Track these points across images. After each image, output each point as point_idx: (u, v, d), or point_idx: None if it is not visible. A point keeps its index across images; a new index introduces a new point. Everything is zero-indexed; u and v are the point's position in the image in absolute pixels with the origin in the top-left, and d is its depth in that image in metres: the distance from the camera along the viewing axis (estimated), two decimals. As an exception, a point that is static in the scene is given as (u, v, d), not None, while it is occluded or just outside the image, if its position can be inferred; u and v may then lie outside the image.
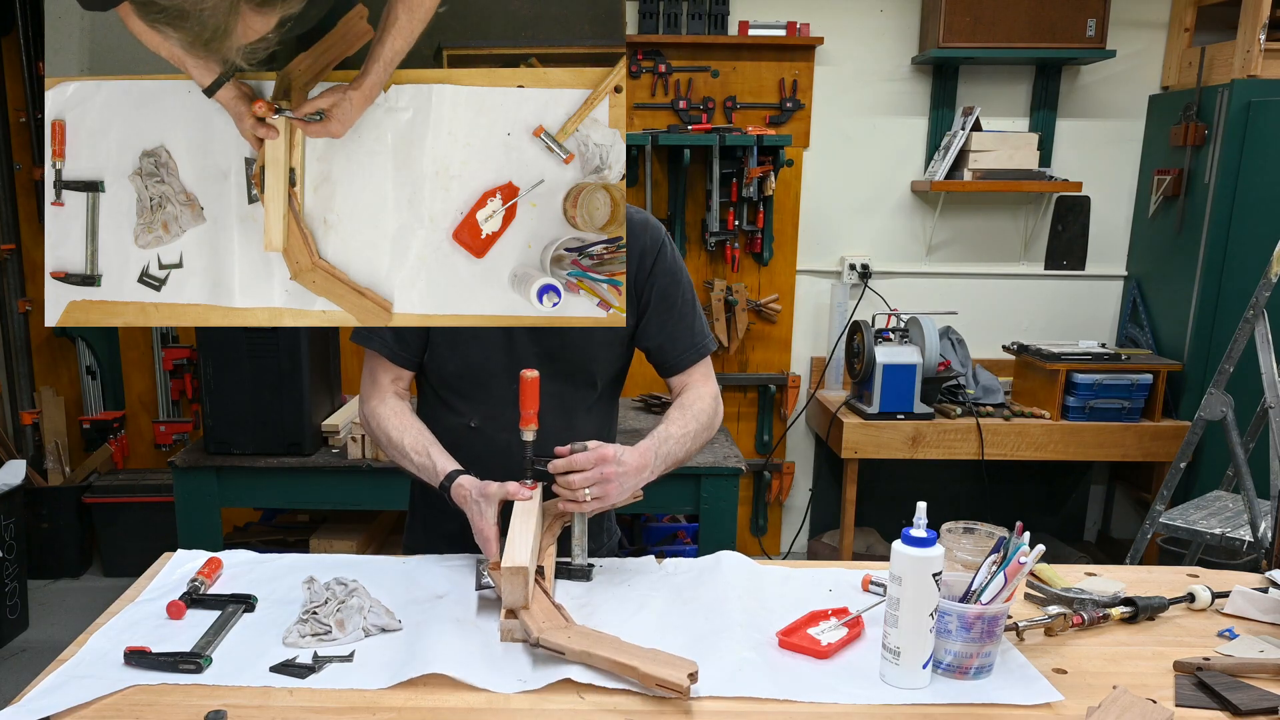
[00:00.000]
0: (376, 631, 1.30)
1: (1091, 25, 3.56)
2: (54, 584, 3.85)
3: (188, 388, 3.98)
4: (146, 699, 1.12)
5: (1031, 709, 1.13)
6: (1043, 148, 3.78)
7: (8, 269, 3.88)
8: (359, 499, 2.93)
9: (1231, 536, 2.74)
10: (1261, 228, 3.34)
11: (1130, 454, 3.60)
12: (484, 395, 1.58)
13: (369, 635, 1.29)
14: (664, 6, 3.72)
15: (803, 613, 1.34)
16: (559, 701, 1.13)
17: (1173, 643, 1.32)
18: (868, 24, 3.81)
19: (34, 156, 3.87)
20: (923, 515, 1.16)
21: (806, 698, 1.14)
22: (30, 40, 3.77)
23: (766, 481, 4.08)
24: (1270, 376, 2.68)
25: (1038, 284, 4.03)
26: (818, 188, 3.93)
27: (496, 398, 1.56)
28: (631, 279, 1.55)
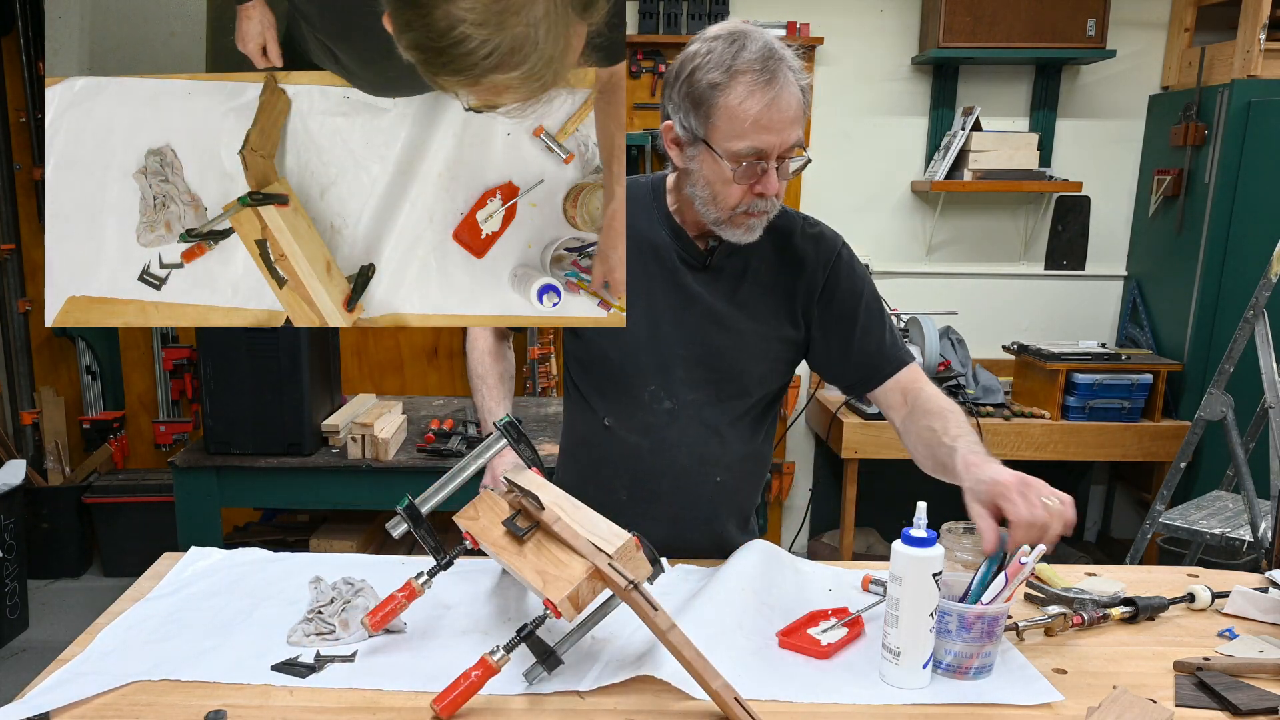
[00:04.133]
0: (381, 632, 1.30)
1: (1091, 25, 3.56)
2: (54, 584, 3.85)
3: (188, 388, 3.98)
4: (147, 698, 1.12)
5: (1031, 709, 1.13)
6: (1043, 148, 3.78)
7: (8, 269, 3.88)
8: (359, 499, 2.93)
9: (1231, 536, 2.74)
10: (1261, 228, 3.34)
11: (1130, 454, 3.60)
12: (620, 394, 1.52)
13: (373, 636, 1.29)
14: (664, 6, 3.72)
15: (803, 613, 1.34)
16: (559, 702, 1.13)
17: (1173, 643, 1.32)
18: (868, 24, 3.81)
19: (34, 156, 3.87)
20: (923, 515, 1.16)
21: (806, 698, 1.14)
22: (30, 40, 3.77)
23: (767, 481, 4.07)
24: (1270, 376, 2.68)
25: (1038, 284, 4.03)
26: (818, 188, 3.93)
27: (633, 398, 1.50)
28: (803, 296, 1.52)
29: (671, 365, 1.49)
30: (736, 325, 1.51)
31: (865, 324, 1.53)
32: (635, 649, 1.24)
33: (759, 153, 1.33)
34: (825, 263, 1.53)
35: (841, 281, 1.53)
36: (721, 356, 1.51)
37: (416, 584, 1.26)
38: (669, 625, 1.08)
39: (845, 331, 1.53)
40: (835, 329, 1.53)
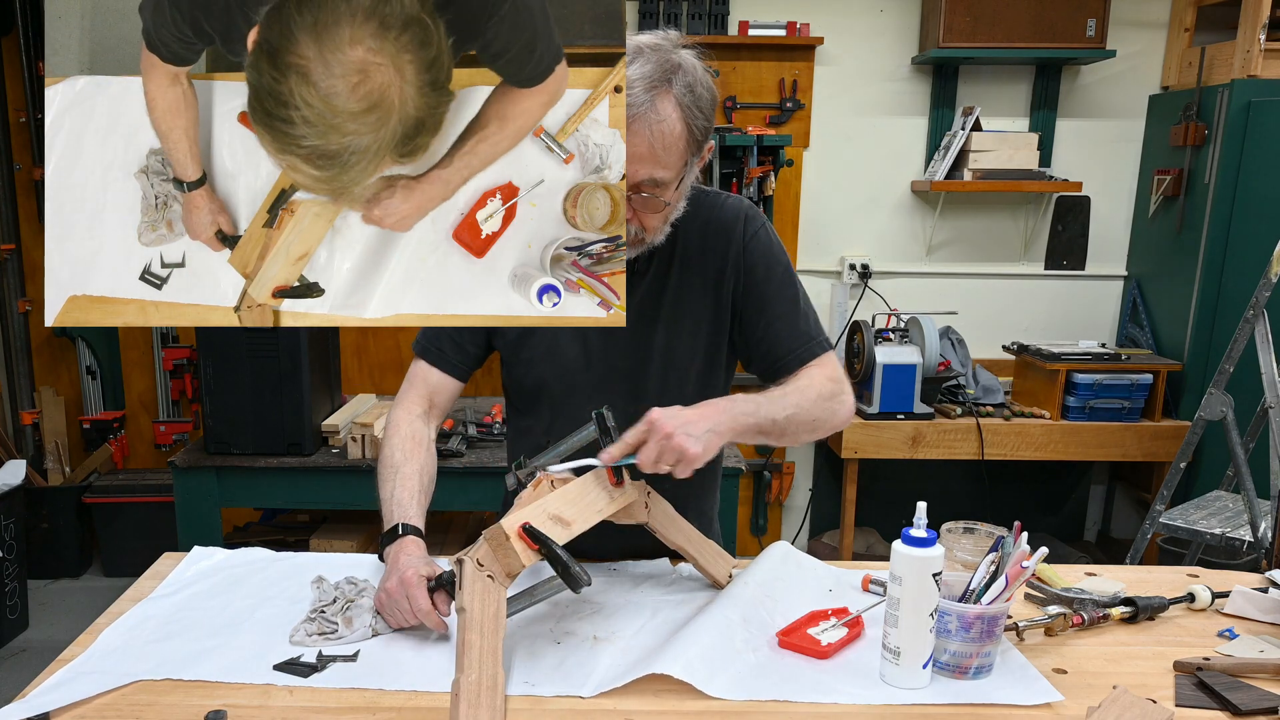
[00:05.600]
0: (386, 630, 1.29)
1: (1091, 25, 3.56)
2: (54, 584, 3.85)
3: (188, 388, 3.99)
4: (147, 698, 1.12)
5: (1031, 709, 1.13)
6: (1043, 148, 3.78)
7: (8, 269, 3.88)
8: (359, 499, 2.92)
9: (1231, 536, 2.74)
10: (1261, 228, 3.34)
11: (1130, 454, 3.60)
12: (565, 418, 1.45)
13: (377, 635, 1.29)
14: (664, 6, 3.72)
15: (803, 613, 1.34)
16: (559, 702, 1.13)
17: (1173, 643, 1.32)
18: (868, 24, 3.81)
19: (34, 156, 3.87)
20: (923, 515, 1.16)
21: (806, 698, 1.14)
22: (30, 40, 3.77)
23: (766, 481, 4.08)
24: (1270, 376, 2.68)
25: (1038, 284, 4.03)
26: (818, 188, 3.93)
27: (579, 420, 1.40)
28: (730, 281, 1.45)
29: (610, 379, 1.46)
30: (670, 324, 1.46)
31: (775, 309, 1.46)
32: (636, 653, 1.24)
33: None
34: (743, 244, 1.47)
35: (758, 262, 1.46)
36: (660, 359, 1.47)
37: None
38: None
39: (754, 317, 1.47)
40: (749, 315, 1.47)
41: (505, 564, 1.15)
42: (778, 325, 1.46)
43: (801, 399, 1.38)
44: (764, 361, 1.48)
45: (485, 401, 3.47)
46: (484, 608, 1.12)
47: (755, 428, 1.33)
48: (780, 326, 1.46)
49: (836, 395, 1.42)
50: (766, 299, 1.46)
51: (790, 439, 1.40)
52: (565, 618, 1.34)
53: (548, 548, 1.14)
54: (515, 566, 1.15)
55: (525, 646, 1.25)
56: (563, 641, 1.27)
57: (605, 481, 1.27)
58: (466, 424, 3.10)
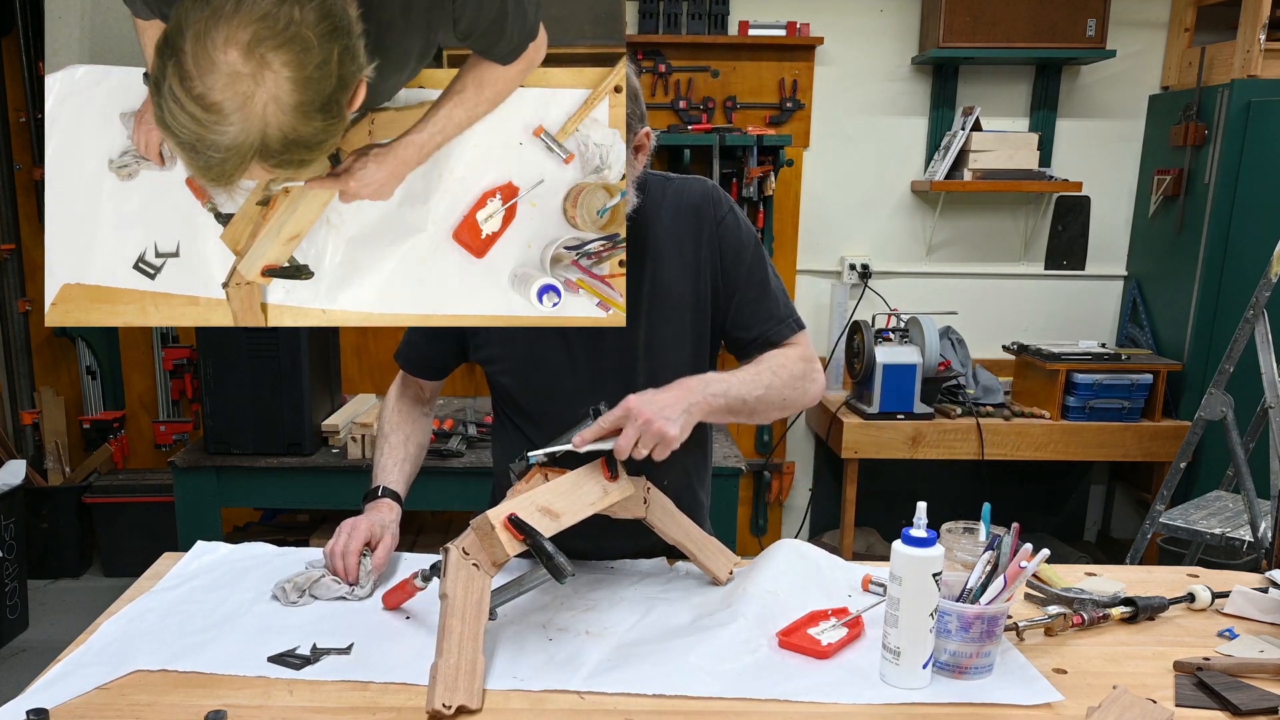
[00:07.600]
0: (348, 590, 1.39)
1: (1091, 25, 3.56)
2: (54, 584, 3.85)
3: (188, 388, 3.98)
4: (147, 698, 1.12)
5: (1031, 709, 1.13)
6: (1043, 148, 3.78)
7: (8, 269, 3.88)
8: (359, 499, 2.91)
9: (1231, 536, 2.74)
10: (1261, 228, 3.34)
11: (1130, 454, 3.60)
12: (556, 422, 1.43)
13: (357, 587, 1.39)
14: (664, 6, 3.72)
15: (803, 613, 1.34)
16: (558, 701, 1.13)
17: (1173, 643, 1.32)
18: (868, 24, 3.81)
19: (34, 156, 3.87)
20: (923, 515, 1.16)
21: (806, 698, 1.14)
22: (30, 40, 3.77)
23: (766, 481, 4.08)
24: (1270, 376, 2.68)
25: (1038, 284, 4.03)
26: (818, 188, 3.93)
27: (562, 420, 1.41)
28: (690, 258, 1.46)
29: (599, 381, 1.45)
30: (652, 316, 1.46)
31: (747, 291, 1.48)
32: (627, 650, 1.24)
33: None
34: (715, 224, 1.47)
35: (729, 243, 1.47)
36: (645, 354, 1.46)
37: (418, 583, 1.28)
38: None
39: (726, 298, 1.48)
40: (722, 295, 1.49)
41: (491, 553, 1.18)
42: (750, 306, 1.49)
43: (773, 379, 1.41)
44: (737, 341, 1.51)
45: (485, 402, 3.47)
46: (467, 594, 1.15)
47: (726, 408, 1.36)
48: (753, 308, 1.48)
49: (807, 374, 1.46)
50: (738, 280, 1.48)
51: (760, 417, 1.44)
52: (558, 613, 1.34)
53: (533, 538, 1.17)
54: (500, 556, 1.17)
55: (515, 641, 1.26)
56: (554, 638, 1.28)
57: (599, 475, 1.29)
58: (466, 424, 3.10)
